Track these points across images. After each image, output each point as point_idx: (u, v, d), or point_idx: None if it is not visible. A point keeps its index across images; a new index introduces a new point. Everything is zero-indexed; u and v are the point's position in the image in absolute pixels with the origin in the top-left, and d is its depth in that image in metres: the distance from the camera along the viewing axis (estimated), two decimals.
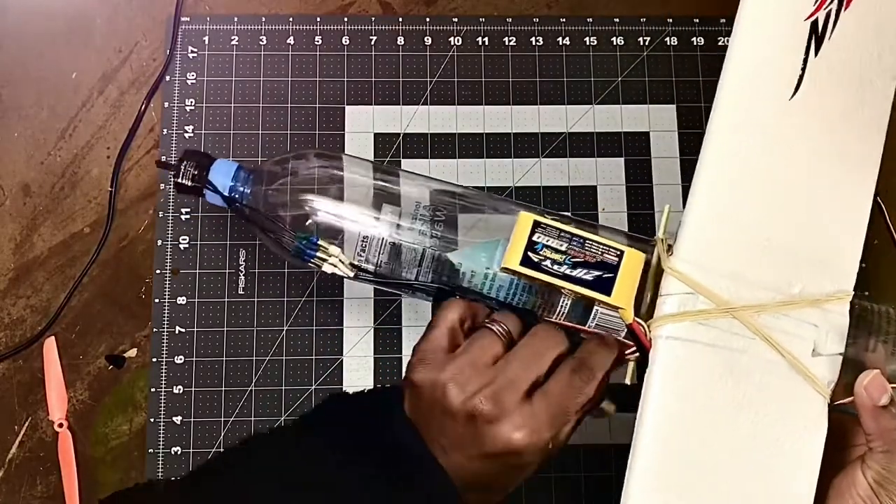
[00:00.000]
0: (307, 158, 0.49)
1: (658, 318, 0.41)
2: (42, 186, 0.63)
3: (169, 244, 0.62)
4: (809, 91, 0.43)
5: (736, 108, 0.43)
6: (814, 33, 0.44)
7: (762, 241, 0.42)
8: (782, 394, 0.41)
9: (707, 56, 0.67)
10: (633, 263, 0.41)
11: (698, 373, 0.40)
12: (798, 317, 0.41)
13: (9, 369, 0.60)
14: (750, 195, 0.42)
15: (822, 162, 0.43)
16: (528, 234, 0.40)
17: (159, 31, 0.66)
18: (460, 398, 0.41)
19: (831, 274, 0.42)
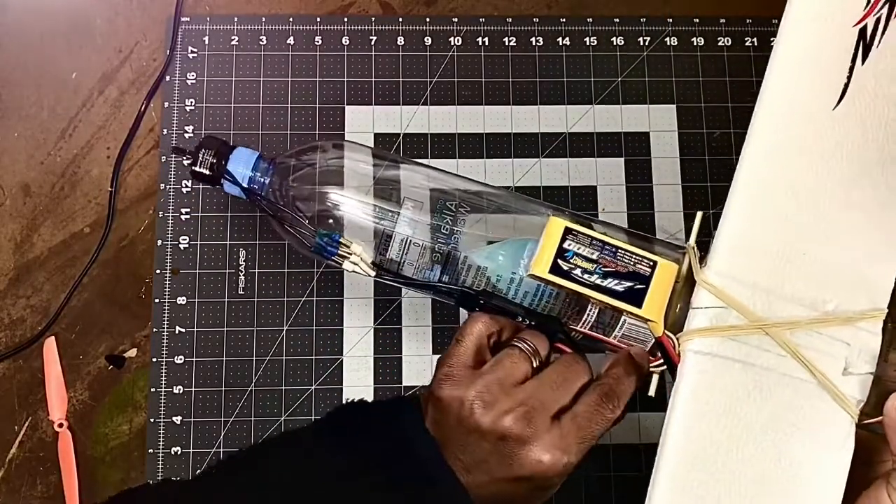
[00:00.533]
0: (329, 150, 0.47)
1: (688, 332, 0.39)
2: (42, 186, 0.63)
3: (169, 244, 0.62)
4: (854, 101, 0.42)
5: (777, 115, 0.42)
6: (862, 40, 0.42)
7: (798, 256, 0.40)
8: (810, 413, 0.39)
9: (707, 56, 0.67)
10: (666, 275, 0.40)
11: (726, 389, 0.39)
12: (830, 334, 0.40)
13: (9, 369, 0.60)
14: (788, 207, 0.41)
15: (863, 175, 0.42)
16: (559, 241, 0.39)
17: (159, 31, 0.66)
18: (489, 417, 0.40)
19: (866, 291, 0.41)
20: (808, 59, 0.43)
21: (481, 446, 0.41)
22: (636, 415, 0.59)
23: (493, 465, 0.40)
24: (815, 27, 0.43)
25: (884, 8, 0.43)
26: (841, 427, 0.40)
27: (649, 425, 0.59)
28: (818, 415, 0.39)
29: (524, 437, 0.40)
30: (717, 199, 0.64)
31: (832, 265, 0.41)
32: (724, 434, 0.39)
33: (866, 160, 0.42)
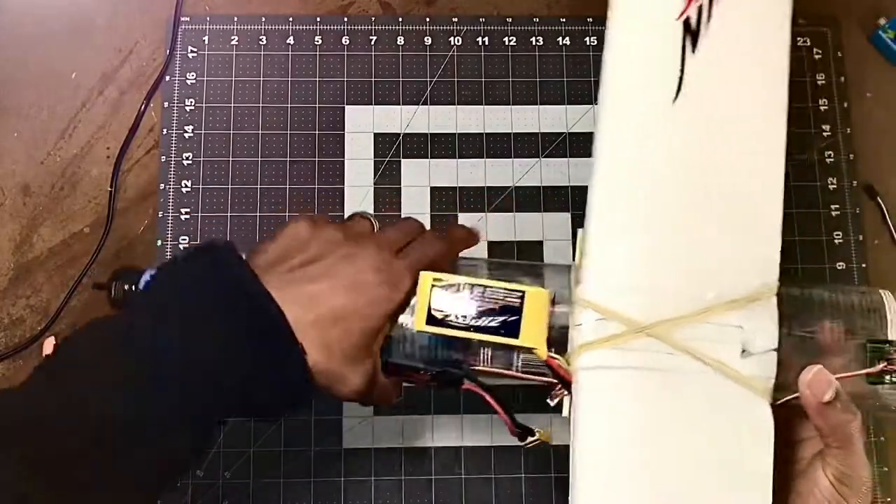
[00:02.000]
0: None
1: (573, 350, 0.39)
2: (42, 186, 0.63)
3: (169, 244, 0.62)
4: (692, 91, 0.41)
5: (619, 121, 0.42)
6: (688, 30, 0.42)
7: (668, 252, 0.40)
8: (720, 403, 0.39)
9: None
10: (538, 302, 0.40)
11: (625, 398, 0.39)
12: (721, 322, 0.39)
13: (9, 369, 0.60)
14: (648, 207, 0.41)
15: (721, 159, 0.41)
16: (429, 293, 0.40)
17: (159, 31, 0.66)
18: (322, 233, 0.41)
19: (752, 270, 0.40)
20: (637, 61, 0.42)
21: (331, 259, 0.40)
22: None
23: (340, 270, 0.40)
24: (640, 24, 0.43)
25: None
26: (755, 408, 0.39)
27: None
28: (727, 402, 0.39)
29: (351, 251, 0.40)
30: None
31: (706, 255, 0.40)
32: (636, 440, 0.38)
33: (719, 144, 0.41)
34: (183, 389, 0.36)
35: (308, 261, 0.40)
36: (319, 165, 0.64)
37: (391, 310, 0.41)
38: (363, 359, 0.40)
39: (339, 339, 0.39)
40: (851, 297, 0.42)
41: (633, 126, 0.41)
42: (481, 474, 0.59)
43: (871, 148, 0.66)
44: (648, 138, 0.41)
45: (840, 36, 0.68)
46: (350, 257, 0.40)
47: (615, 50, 0.43)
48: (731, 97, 0.42)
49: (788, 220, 0.64)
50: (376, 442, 0.60)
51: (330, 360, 0.39)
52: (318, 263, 0.40)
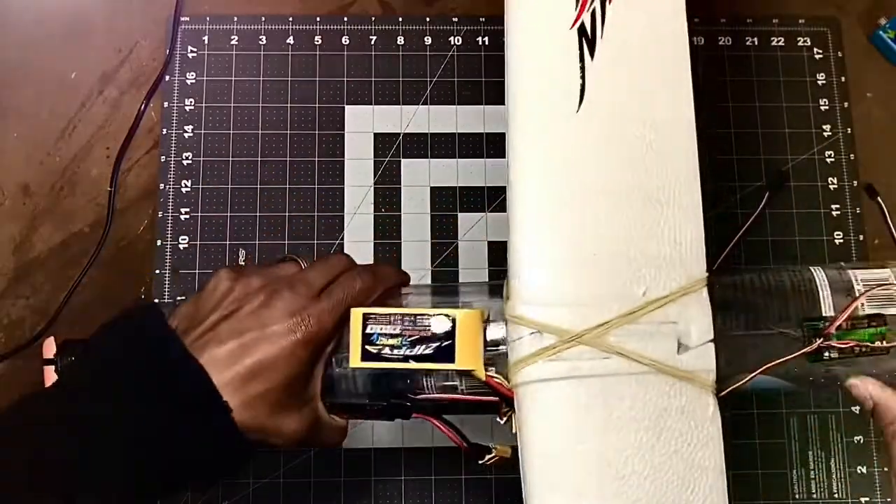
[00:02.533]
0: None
1: (510, 366, 0.39)
2: (42, 186, 0.63)
3: (169, 244, 0.62)
4: (595, 97, 0.41)
5: (528, 136, 0.41)
6: (583, 37, 0.42)
7: (593, 258, 0.40)
8: (662, 401, 0.39)
9: (707, 56, 0.67)
10: (471, 323, 0.40)
11: (567, 408, 0.39)
12: (652, 319, 0.39)
13: (9, 369, 0.60)
14: (568, 217, 0.40)
15: (633, 159, 0.41)
16: (361, 329, 0.40)
17: (159, 31, 0.66)
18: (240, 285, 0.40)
19: (679, 265, 0.40)
20: (537, 75, 0.42)
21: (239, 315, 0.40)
22: None
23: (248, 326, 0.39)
24: (536, 37, 0.43)
25: (595, 1, 0.43)
26: (700, 401, 0.39)
27: None
28: (673, 397, 0.39)
29: (270, 299, 0.40)
30: (717, 200, 0.64)
31: (629, 256, 0.40)
32: (585, 449, 0.38)
33: (629, 143, 0.41)
34: (116, 460, 0.36)
35: (224, 317, 0.40)
36: (319, 165, 0.64)
37: (311, 354, 0.40)
38: (295, 407, 0.40)
39: (261, 394, 0.38)
40: (783, 278, 0.42)
41: (542, 140, 0.41)
42: (481, 475, 0.59)
43: (871, 148, 0.66)
44: (558, 150, 0.41)
45: (840, 36, 0.68)
46: (262, 308, 0.39)
47: (515, 64, 0.43)
48: (635, 97, 0.42)
49: (789, 220, 0.64)
50: (376, 442, 0.60)
51: (256, 416, 0.39)
52: (231, 319, 0.39)
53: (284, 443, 0.41)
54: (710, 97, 0.66)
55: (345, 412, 0.44)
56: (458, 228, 0.63)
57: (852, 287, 0.41)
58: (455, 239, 0.63)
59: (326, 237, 0.63)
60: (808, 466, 0.61)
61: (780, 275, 0.42)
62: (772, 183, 0.64)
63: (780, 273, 0.43)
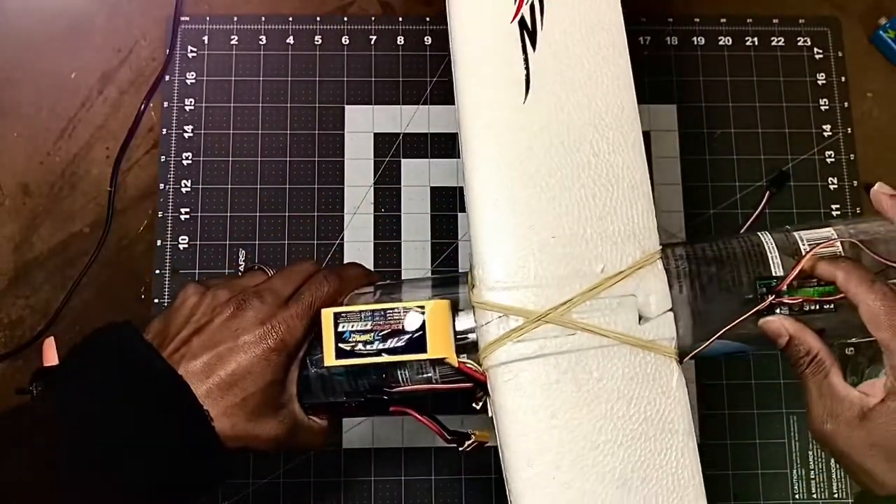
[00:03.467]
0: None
1: (481, 351, 0.41)
2: (41, 186, 0.63)
3: (168, 244, 0.62)
4: (541, 86, 0.43)
5: (478, 128, 0.43)
6: (524, 30, 0.44)
7: (551, 239, 0.42)
8: (629, 371, 0.41)
9: (707, 56, 0.67)
10: (440, 313, 0.41)
11: (538, 386, 0.40)
12: (612, 294, 0.41)
13: (8, 369, 0.60)
14: (521, 205, 0.42)
15: (581, 143, 0.43)
16: (333, 328, 0.41)
17: (159, 31, 0.66)
18: (208, 299, 0.41)
19: (633, 239, 0.42)
20: (482, 69, 0.44)
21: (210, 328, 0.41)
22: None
23: (219, 338, 0.40)
24: (479, 31, 0.44)
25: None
26: (664, 367, 0.41)
27: None
28: (639, 366, 0.41)
29: (239, 309, 0.41)
30: (717, 200, 0.64)
31: (585, 236, 0.42)
32: (560, 425, 0.40)
33: (576, 127, 0.43)
34: (100, 473, 0.37)
35: (195, 331, 0.41)
36: (319, 165, 0.64)
37: (284, 359, 0.41)
38: (272, 412, 0.41)
39: (238, 403, 0.40)
40: (734, 244, 0.44)
41: (492, 131, 0.43)
42: (482, 475, 0.59)
43: (871, 148, 0.66)
44: (509, 140, 0.43)
45: (840, 36, 0.68)
46: (232, 319, 0.41)
47: (461, 59, 0.44)
48: (578, 84, 0.44)
49: (789, 220, 0.64)
50: (376, 442, 0.60)
51: (235, 424, 0.40)
52: (203, 333, 0.40)
53: (265, 448, 0.42)
54: (711, 97, 0.66)
55: (323, 412, 0.45)
56: (458, 228, 0.63)
57: (798, 248, 0.43)
58: (455, 239, 0.63)
59: (326, 237, 0.63)
60: (808, 466, 0.61)
61: (730, 242, 0.44)
62: (774, 181, 0.64)
63: (730, 240, 0.44)
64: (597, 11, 0.45)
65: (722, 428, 0.61)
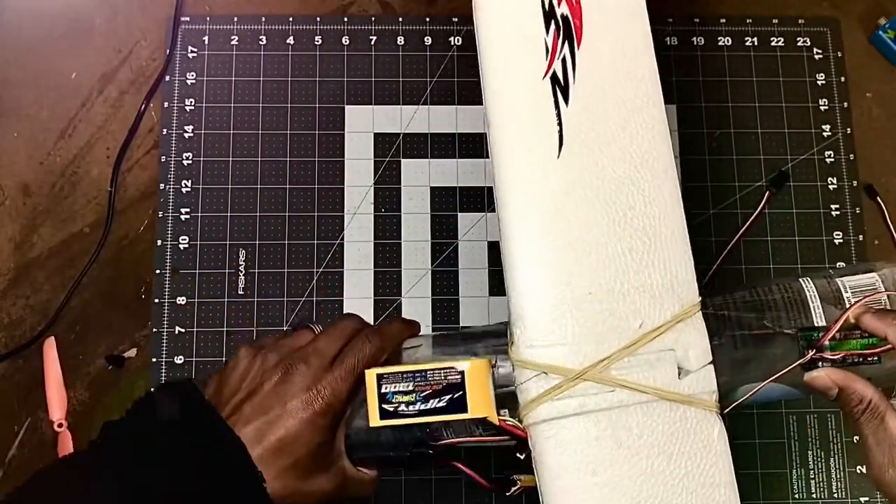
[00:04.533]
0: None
1: (521, 409, 0.41)
2: (42, 186, 0.63)
3: (169, 244, 0.62)
4: (573, 140, 0.43)
5: (515, 185, 0.43)
6: (556, 85, 0.44)
7: (585, 297, 0.41)
8: (670, 426, 0.40)
9: (707, 56, 0.67)
10: (479, 372, 0.42)
11: (579, 443, 0.40)
12: (650, 349, 0.41)
13: (9, 369, 0.60)
14: (558, 261, 0.42)
15: (617, 196, 0.43)
16: (377, 390, 0.42)
17: (159, 31, 0.66)
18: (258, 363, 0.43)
19: (672, 293, 0.42)
20: (516, 127, 0.44)
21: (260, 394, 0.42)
22: None
23: (268, 403, 0.42)
24: (512, 88, 0.44)
25: (564, 47, 0.44)
26: (706, 423, 0.40)
27: None
28: (680, 421, 0.40)
29: (286, 374, 0.42)
30: (717, 200, 0.64)
31: (622, 291, 0.42)
32: (604, 483, 0.40)
33: (610, 181, 0.43)
34: None
35: (247, 396, 0.42)
36: (319, 165, 0.64)
37: (330, 421, 0.42)
38: (323, 470, 0.43)
39: (288, 466, 0.41)
40: (773, 292, 0.43)
41: (528, 188, 0.43)
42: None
43: (871, 148, 0.66)
44: (544, 196, 0.43)
45: (840, 36, 0.68)
46: (280, 384, 0.42)
47: (494, 117, 0.44)
48: (612, 136, 0.43)
49: (789, 219, 0.64)
50: None
51: (287, 485, 0.41)
52: (253, 399, 0.42)
53: (317, 502, 0.43)
54: (711, 97, 0.66)
55: (371, 464, 0.46)
56: (458, 228, 0.63)
57: (841, 297, 0.42)
58: (455, 239, 0.63)
59: (326, 237, 0.63)
60: (807, 466, 0.61)
61: (770, 289, 0.44)
62: (774, 181, 0.64)
63: (769, 287, 0.44)
64: (630, 63, 0.45)
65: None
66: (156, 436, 0.40)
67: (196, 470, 0.40)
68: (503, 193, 0.43)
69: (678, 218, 0.43)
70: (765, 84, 0.67)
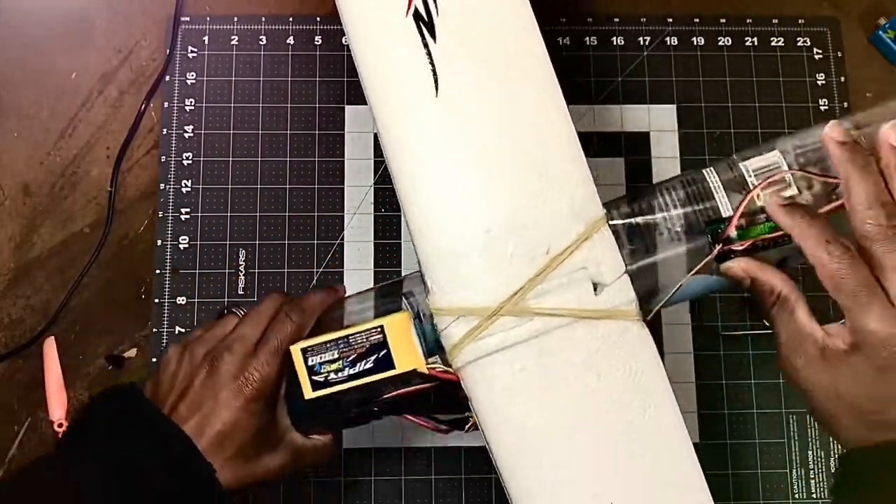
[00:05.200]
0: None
1: (447, 354, 0.41)
2: (42, 186, 0.63)
3: (169, 244, 0.62)
4: (449, 77, 0.42)
5: (398, 132, 0.43)
6: (420, 23, 0.43)
7: (489, 233, 0.41)
8: (594, 344, 0.41)
9: (707, 56, 0.67)
10: (399, 327, 0.42)
11: (508, 377, 0.41)
12: (562, 273, 0.41)
13: (9, 369, 0.60)
14: (455, 204, 0.42)
15: (505, 126, 0.42)
16: (304, 363, 0.43)
17: (159, 31, 0.66)
18: (190, 360, 0.44)
19: (573, 215, 0.41)
20: (387, 72, 0.43)
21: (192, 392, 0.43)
22: None
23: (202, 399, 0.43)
24: (376, 32, 0.43)
25: None
26: (630, 331, 0.41)
27: None
28: (606, 336, 0.41)
29: (213, 367, 0.43)
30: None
31: (529, 218, 0.41)
32: (539, 408, 0.40)
33: (494, 116, 0.42)
34: None
35: (180, 396, 0.43)
36: (319, 165, 0.64)
37: (264, 404, 0.43)
38: (271, 449, 0.44)
39: (234, 454, 0.43)
40: (679, 190, 0.43)
41: (411, 133, 0.43)
42: (481, 475, 0.59)
43: None
44: (429, 139, 0.42)
45: (840, 36, 0.68)
46: (209, 377, 0.43)
47: (363, 62, 0.43)
48: (488, 67, 0.43)
49: None
50: (376, 442, 0.60)
51: (237, 472, 0.43)
52: (186, 398, 0.43)
53: (276, 477, 0.44)
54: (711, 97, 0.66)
55: (323, 430, 0.47)
56: None
57: (745, 181, 0.42)
58: None
59: (326, 237, 0.63)
60: (807, 466, 0.61)
61: (674, 186, 0.43)
62: None
63: (673, 185, 0.43)
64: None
65: (722, 428, 0.61)
66: (112, 439, 0.42)
67: (148, 466, 0.41)
68: (387, 145, 0.43)
69: (568, 138, 0.42)
70: (765, 84, 0.67)
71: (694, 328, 0.63)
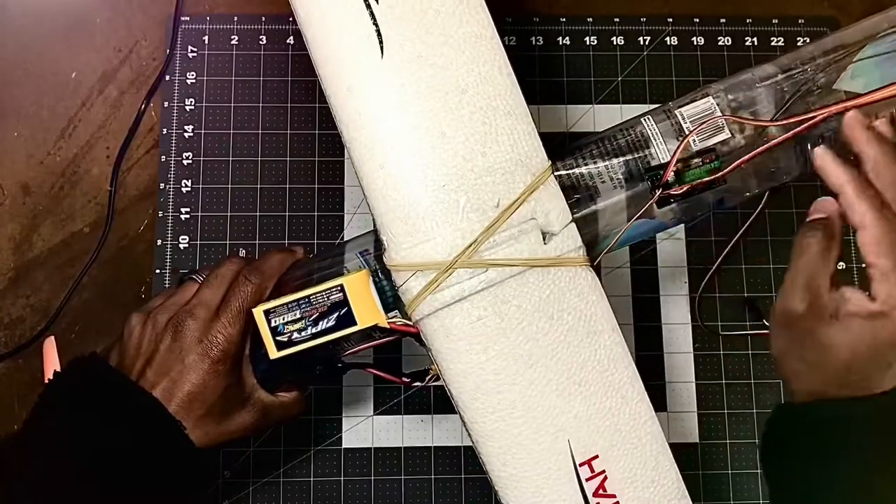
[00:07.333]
0: None
1: (406, 308, 0.43)
2: (42, 186, 0.63)
3: (169, 244, 0.62)
4: (393, 37, 0.43)
5: (344, 97, 0.43)
6: None
7: (440, 190, 0.43)
8: (545, 291, 0.42)
9: (707, 56, 0.67)
10: (358, 284, 0.44)
11: (465, 327, 0.42)
12: (512, 224, 0.42)
13: (9, 369, 0.60)
14: (405, 162, 0.43)
15: (450, 84, 0.43)
16: (267, 324, 0.44)
17: (159, 31, 0.66)
18: (153, 328, 0.45)
19: (520, 167, 0.43)
20: (333, 30, 0.44)
21: (158, 357, 0.44)
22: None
23: (169, 364, 0.44)
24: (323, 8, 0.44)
25: None
26: (580, 276, 0.43)
27: None
28: (557, 283, 0.43)
29: (177, 332, 0.44)
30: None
31: (476, 173, 0.43)
32: (497, 356, 0.42)
33: (439, 74, 0.43)
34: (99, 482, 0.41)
35: (146, 362, 0.44)
36: (319, 165, 0.64)
37: (230, 364, 0.44)
38: (239, 408, 0.46)
39: (204, 414, 0.44)
40: (619, 139, 0.45)
41: (360, 96, 0.43)
42: (481, 474, 0.59)
43: None
44: (377, 100, 0.43)
45: None
46: (173, 342, 0.44)
47: (307, 29, 0.44)
48: (431, 25, 0.44)
49: (789, 220, 0.64)
50: (376, 442, 0.60)
51: (208, 432, 0.44)
52: (153, 364, 0.44)
53: (247, 435, 0.46)
54: None
55: (290, 387, 0.48)
56: None
57: (681, 128, 0.44)
58: None
59: (326, 237, 0.63)
60: None
61: (614, 136, 0.45)
62: None
63: (614, 135, 0.45)
64: None
65: (721, 428, 0.61)
66: (81, 409, 0.43)
67: (121, 431, 0.42)
68: (337, 110, 0.43)
69: (512, 90, 0.44)
70: None
71: (694, 328, 0.63)
